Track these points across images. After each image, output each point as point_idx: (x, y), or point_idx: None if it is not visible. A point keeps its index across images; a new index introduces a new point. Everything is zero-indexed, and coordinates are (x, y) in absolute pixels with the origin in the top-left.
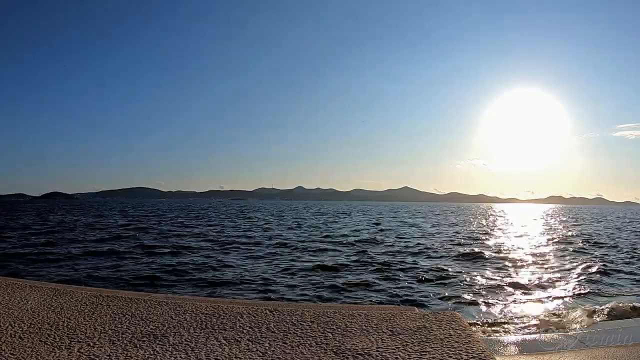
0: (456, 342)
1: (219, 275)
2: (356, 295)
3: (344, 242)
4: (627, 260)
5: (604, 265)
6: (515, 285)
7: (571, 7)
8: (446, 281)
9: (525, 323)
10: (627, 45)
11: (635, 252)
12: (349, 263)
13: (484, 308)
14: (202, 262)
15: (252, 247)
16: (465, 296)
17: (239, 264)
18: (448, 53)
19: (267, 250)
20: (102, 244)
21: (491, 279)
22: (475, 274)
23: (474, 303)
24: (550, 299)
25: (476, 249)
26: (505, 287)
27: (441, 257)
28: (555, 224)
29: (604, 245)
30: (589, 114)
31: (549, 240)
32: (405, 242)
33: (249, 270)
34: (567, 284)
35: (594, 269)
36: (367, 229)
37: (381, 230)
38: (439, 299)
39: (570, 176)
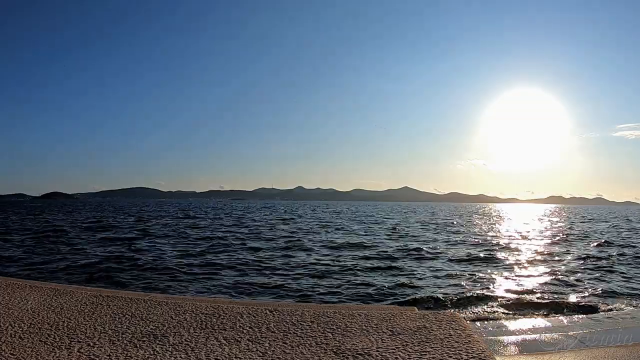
0: (456, 342)
1: None
2: None
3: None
4: (631, 261)
5: (610, 265)
6: (516, 285)
7: (571, 7)
8: (447, 281)
9: (525, 323)
10: (627, 45)
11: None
12: None
13: (484, 308)
14: None
15: None
16: (466, 296)
17: None
18: (448, 53)
19: None
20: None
21: (492, 278)
22: (477, 273)
23: (475, 303)
24: (552, 299)
25: (480, 249)
26: (506, 287)
27: (443, 257)
28: (561, 223)
29: (612, 244)
30: (589, 114)
31: (554, 240)
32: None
33: None
34: (569, 284)
35: (598, 270)
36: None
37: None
38: (439, 298)
39: (570, 176)
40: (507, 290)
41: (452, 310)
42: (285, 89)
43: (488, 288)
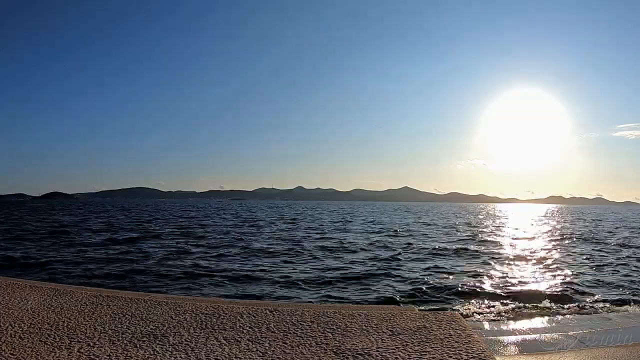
0: (456, 342)
1: None
2: None
3: None
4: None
5: (612, 266)
6: (518, 285)
7: (571, 7)
8: (448, 281)
9: (525, 323)
10: (627, 45)
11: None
12: None
13: (485, 308)
14: None
15: None
16: (466, 296)
17: None
18: (448, 53)
19: None
20: None
21: (493, 278)
22: (477, 273)
23: (475, 303)
24: (552, 299)
25: (482, 249)
26: (507, 287)
27: (445, 257)
28: (565, 223)
29: (615, 245)
30: (589, 114)
31: (557, 240)
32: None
33: None
34: (570, 283)
35: (600, 270)
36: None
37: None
38: (440, 298)
39: (570, 176)
40: (508, 290)
41: (452, 311)
42: (285, 89)
43: (489, 288)
